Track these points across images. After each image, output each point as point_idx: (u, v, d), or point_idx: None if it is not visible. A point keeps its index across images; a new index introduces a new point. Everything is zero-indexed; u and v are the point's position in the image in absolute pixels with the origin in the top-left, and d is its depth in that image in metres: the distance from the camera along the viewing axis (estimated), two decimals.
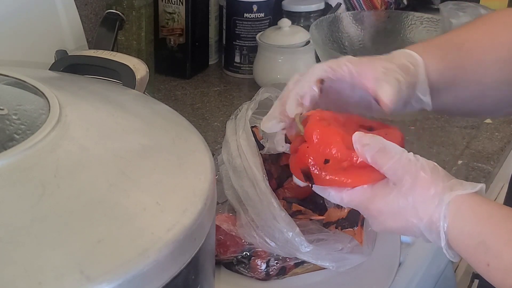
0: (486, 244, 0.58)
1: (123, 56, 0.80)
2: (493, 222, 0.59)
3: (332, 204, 0.82)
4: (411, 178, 0.60)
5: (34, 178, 0.49)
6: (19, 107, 0.57)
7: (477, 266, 0.59)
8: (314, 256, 0.75)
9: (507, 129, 1.24)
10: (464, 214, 0.59)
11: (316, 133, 0.63)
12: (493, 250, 0.57)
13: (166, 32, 1.38)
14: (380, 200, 0.62)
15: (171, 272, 0.48)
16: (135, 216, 0.48)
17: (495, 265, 0.57)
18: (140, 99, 0.69)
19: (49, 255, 0.44)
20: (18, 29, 1.00)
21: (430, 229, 0.60)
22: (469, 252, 0.59)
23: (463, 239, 0.59)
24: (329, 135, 0.63)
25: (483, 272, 0.59)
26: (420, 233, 0.61)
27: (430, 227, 0.60)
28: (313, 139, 0.63)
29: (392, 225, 0.62)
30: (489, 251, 0.58)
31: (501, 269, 0.57)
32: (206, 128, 1.21)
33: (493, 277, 0.58)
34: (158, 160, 0.55)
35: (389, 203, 0.62)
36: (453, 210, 0.59)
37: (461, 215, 0.59)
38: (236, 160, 0.76)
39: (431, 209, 0.59)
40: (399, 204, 0.61)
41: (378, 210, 0.62)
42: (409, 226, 0.61)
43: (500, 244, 0.58)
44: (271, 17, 1.41)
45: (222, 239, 0.80)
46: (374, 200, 0.62)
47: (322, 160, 0.63)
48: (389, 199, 0.62)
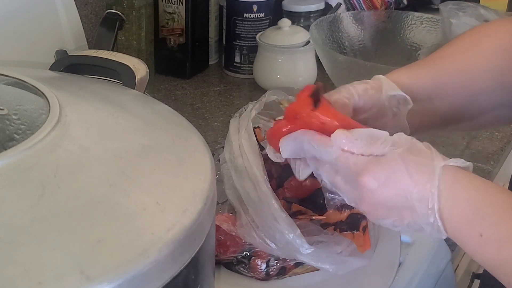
0: (483, 212, 0.57)
1: (123, 56, 0.80)
2: (489, 192, 0.58)
3: (332, 205, 0.82)
4: (407, 147, 0.60)
5: (34, 178, 0.49)
6: (19, 107, 0.57)
7: (468, 239, 0.58)
8: (314, 259, 0.75)
9: (507, 129, 1.24)
10: (461, 182, 0.58)
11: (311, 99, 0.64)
12: (490, 219, 0.56)
13: (166, 32, 1.38)
14: (375, 167, 0.60)
15: (171, 272, 0.48)
16: (135, 216, 0.48)
17: (489, 234, 0.56)
18: (140, 99, 0.69)
19: (49, 255, 0.44)
20: (18, 29, 1.00)
21: (422, 198, 0.58)
22: (463, 222, 0.58)
23: (459, 208, 0.58)
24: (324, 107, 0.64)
25: (475, 244, 0.57)
26: (409, 206, 0.59)
27: (423, 195, 0.58)
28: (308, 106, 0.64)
29: (382, 195, 0.60)
30: (485, 220, 0.56)
31: (495, 239, 0.56)
32: (206, 128, 1.21)
33: (485, 248, 0.57)
34: (158, 160, 0.55)
35: (384, 169, 0.60)
36: (450, 178, 0.58)
37: (458, 184, 0.58)
38: (238, 159, 0.76)
39: (426, 174, 0.58)
40: (394, 169, 0.59)
41: (372, 178, 0.60)
42: (401, 195, 0.59)
43: (499, 212, 0.57)
44: (271, 17, 1.41)
45: (222, 239, 0.79)
46: (369, 167, 0.60)
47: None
48: (384, 166, 0.60)
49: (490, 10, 1.32)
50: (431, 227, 0.59)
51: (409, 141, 0.61)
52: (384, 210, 0.61)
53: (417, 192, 0.58)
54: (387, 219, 0.62)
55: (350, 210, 0.80)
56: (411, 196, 0.59)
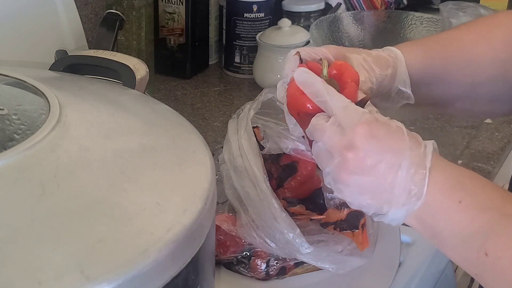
0: (464, 183, 0.59)
1: (123, 56, 0.80)
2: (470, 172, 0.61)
3: (332, 204, 0.82)
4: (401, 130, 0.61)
5: (34, 178, 0.49)
6: (19, 107, 0.57)
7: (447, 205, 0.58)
8: (314, 258, 0.75)
9: (507, 129, 1.24)
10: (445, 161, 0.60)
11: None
12: (469, 188, 0.59)
13: (166, 32, 1.38)
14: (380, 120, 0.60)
15: (171, 272, 0.48)
16: (135, 216, 0.48)
17: (467, 202, 0.58)
18: (140, 99, 0.69)
19: (49, 255, 0.44)
20: (18, 29, 1.00)
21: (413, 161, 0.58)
22: (444, 188, 0.59)
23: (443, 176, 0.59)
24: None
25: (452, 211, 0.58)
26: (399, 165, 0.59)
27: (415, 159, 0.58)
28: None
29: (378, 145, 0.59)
30: (464, 189, 0.59)
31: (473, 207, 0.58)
32: (206, 128, 1.21)
33: (462, 215, 0.58)
34: (158, 160, 0.55)
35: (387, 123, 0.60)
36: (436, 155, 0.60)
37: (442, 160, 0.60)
38: (237, 160, 0.76)
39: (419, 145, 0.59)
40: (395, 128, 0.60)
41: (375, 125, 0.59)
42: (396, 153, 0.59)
43: (477, 185, 0.59)
44: (271, 17, 1.41)
45: (222, 239, 0.79)
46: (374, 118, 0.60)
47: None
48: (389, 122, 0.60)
49: (490, 10, 1.32)
50: (408, 193, 0.59)
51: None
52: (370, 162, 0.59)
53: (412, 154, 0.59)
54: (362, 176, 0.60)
55: (349, 208, 0.81)
56: (405, 154, 0.59)
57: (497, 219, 0.57)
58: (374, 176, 0.60)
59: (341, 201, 0.82)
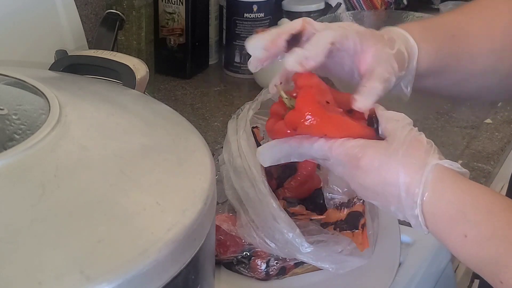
0: (465, 213, 0.58)
1: (123, 56, 0.80)
2: (473, 194, 0.59)
3: (332, 204, 0.82)
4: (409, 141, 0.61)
5: (34, 178, 0.49)
6: (19, 107, 0.57)
7: (450, 237, 0.59)
8: (314, 258, 0.75)
9: (507, 129, 1.24)
10: (447, 182, 0.59)
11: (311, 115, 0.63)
12: (472, 220, 0.58)
13: (166, 32, 1.38)
14: (372, 152, 0.61)
15: (171, 272, 0.48)
16: (135, 216, 0.48)
17: (473, 235, 0.57)
18: (140, 99, 0.69)
19: (49, 255, 0.44)
20: (18, 29, 1.00)
21: (408, 190, 0.59)
22: (445, 221, 0.59)
23: (442, 206, 0.59)
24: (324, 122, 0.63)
25: (458, 243, 0.58)
26: (396, 195, 0.60)
27: (409, 188, 0.59)
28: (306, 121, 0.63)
29: (373, 180, 0.60)
30: (467, 221, 0.58)
31: (478, 239, 0.57)
32: (206, 128, 1.21)
33: (468, 248, 0.58)
34: (158, 160, 0.55)
35: (380, 155, 0.60)
36: (437, 177, 0.59)
37: (443, 183, 0.59)
38: (237, 160, 0.76)
39: (417, 169, 0.59)
40: (389, 158, 0.60)
41: (367, 162, 0.60)
42: (390, 183, 0.60)
43: (480, 214, 0.58)
44: (271, 17, 1.41)
45: (222, 239, 0.79)
46: (367, 151, 0.61)
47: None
48: (382, 152, 0.60)
49: None
50: (415, 219, 0.60)
51: (413, 132, 0.62)
52: (372, 194, 0.62)
53: (405, 183, 0.59)
54: (374, 201, 0.63)
55: (349, 208, 0.81)
56: (398, 186, 0.59)
57: (505, 248, 0.57)
58: (381, 202, 0.62)
59: (341, 201, 0.82)
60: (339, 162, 0.63)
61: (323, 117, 0.63)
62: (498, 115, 1.29)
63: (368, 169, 0.61)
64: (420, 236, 0.89)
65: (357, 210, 0.80)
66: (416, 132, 0.63)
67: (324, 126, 0.63)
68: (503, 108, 1.31)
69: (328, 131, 0.63)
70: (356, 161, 0.61)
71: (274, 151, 0.65)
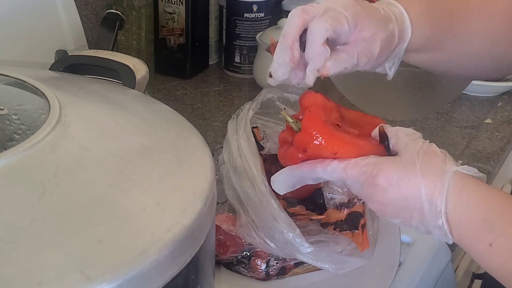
0: (491, 222, 0.57)
1: (123, 56, 0.80)
2: (498, 201, 0.58)
3: (332, 205, 0.82)
4: (423, 152, 0.61)
5: (34, 178, 0.49)
6: (19, 107, 0.57)
7: (476, 246, 0.58)
8: (314, 258, 0.75)
9: (507, 129, 1.24)
10: (470, 189, 0.59)
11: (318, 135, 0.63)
12: (499, 229, 0.57)
13: (166, 32, 1.38)
14: (389, 167, 0.60)
15: (171, 272, 0.48)
16: (135, 216, 0.48)
17: (498, 244, 0.57)
18: (140, 99, 0.69)
19: (49, 255, 0.44)
20: (18, 29, 1.00)
21: (431, 201, 0.59)
22: (471, 230, 0.58)
23: (467, 215, 0.58)
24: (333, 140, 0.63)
25: (483, 252, 0.58)
26: (419, 208, 0.59)
27: (432, 197, 0.59)
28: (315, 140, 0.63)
29: (393, 195, 0.60)
30: (493, 230, 0.57)
31: (505, 249, 0.56)
32: (206, 128, 1.21)
33: (494, 257, 0.57)
34: (158, 160, 0.55)
35: (397, 169, 0.60)
36: (459, 184, 0.58)
37: (466, 191, 0.59)
38: (237, 160, 0.76)
39: (437, 177, 0.59)
40: (407, 171, 0.59)
41: (385, 178, 0.60)
42: (411, 196, 0.59)
43: (506, 223, 0.57)
44: (271, 17, 1.41)
45: (222, 239, 0.79)
46: (382, 166, 0.61)
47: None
48: (398, 166, 0.60)
49: None
50: (439, 230, 0.60)
51: (426, 144, 0.62)
52: (394, 210, 0.62)
53: (426, 193, 0.59)
54: (395, 219, 0.62)
55: (349, 209, 0.81)
56: (420, 197, 0.59)
57: None
58: (403, 219, 0.62)
59: (341, 201, 0.82)
60: (355, 182, 0.62)
61: (331, 135, 0.63)
62: (498, 115, 1.29)
63: (387, 186, 0.60)
64: (420, 236, 0.89)
65: (357, 210, 0.80)
66: (428, 143, 0.62)
67: (334, 144, 0.63)
68: (503, 108, 1.31)
69: (338, 149, 0.63)
70: (372, 179, 0.61)
71: (287, 178, 0.66)
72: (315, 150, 0.63)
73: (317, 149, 0.63)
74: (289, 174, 0.66)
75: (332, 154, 0.63)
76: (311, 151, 0.63)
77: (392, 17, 0.68)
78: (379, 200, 0.62)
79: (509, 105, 1.32)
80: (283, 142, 0.68)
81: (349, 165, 0.62)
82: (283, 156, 0.67)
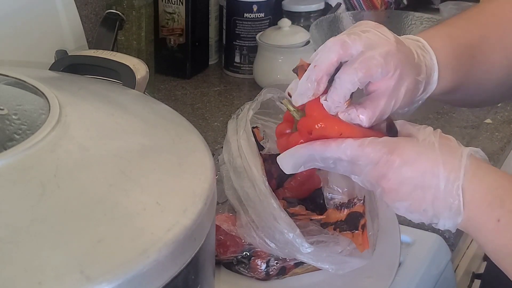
0: (502, 199, 0.58)
1: (123, 56, 0.80)
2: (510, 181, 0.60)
3: (332, 205, 0.82)
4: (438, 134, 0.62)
5: (34, 178, 0.49)
6: (19, 107, 0.57)
7: (485, 223, 0.59)
8: (314, 258, 0.75)
9: (507, 129, 1.24)
10: (484, 170, 0.60)
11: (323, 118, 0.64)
12: (508, 206, 0.58)
13: (166, 32, 1.38)
14: (407, 144, 0.61)
15: (171, 272, 0.48)
16: (135, 216, 0.48)
17: (506, 221, 0.58)
18: (140, 99, 0.69)
19: (49, 255, 0.44)
20: (18, 29, 1.00)
21: (449, 177, 0.59)
22: (482, 206, 0.59)
23: (479, 192, 0.59)
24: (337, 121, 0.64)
25: (490, 229, 0.59)
26: (434, 185, 0.60)
27: (450, 174, 0.59)
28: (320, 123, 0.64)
29: (410, 173, 0.60)
30: (503, 207, 0.58)
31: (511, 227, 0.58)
32: (206, 128, 1.21)
33: (500, 234, 0.58)
34: (158, 160, 0.55)
35: (415, 147, 0.60)
36: (474, 165, 0.60)
37: (481, 170, 0.60)
38: (237, 160, 0.76)
39: (454, 156, 0.60)
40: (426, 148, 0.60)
41: (403, 154, 0.60)
42: (429, 172, 0.59)
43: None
44: (271, 17, 1.41)
45: (222, 239, 0.79)
46: (400, 143, 0.61)
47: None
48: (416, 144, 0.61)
49: None
50: (449, 209, 0.60)
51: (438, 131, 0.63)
52: (407, 190, 0.61)
53: (445, 169, 0.59)
54: (405, 201, 0.62)
55: (349, 209, 0.80)
56: (438, 174, 0.59)
57: None
58: (414, 200, 0.61)
59: (341, 202, 0.82)
60: (369, 160, 0.61)
61: (334, 118, 0.64)
62: (498, 115, 1.29)
63: (404, 163, 0.60)
64: (420, 236, 0.89)
65: (357, 210, 0.80)
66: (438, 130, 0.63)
67: (339, 125, 0.63)
68: (503, 108, 1.31)
69: (343, 129, 0.63)
70: (389, 156, 0.60)
71: (296, 156, 0.64)
72: (321, 131, 0.63)
73: (323, 130, 0.63)
74: (298, 152, 0.64)
75: (338, 134, 0.63)
76: (316, 132, 0.64)
77: (423, 68, 0.67)
78: (394, 178, 0.61)
79: (509, 105, 1.32)
80: (280, 134, 0.69)
81: (365, 142, 0.61)
82: (285, 145, 0.67)
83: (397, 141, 0.62)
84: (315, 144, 0.63)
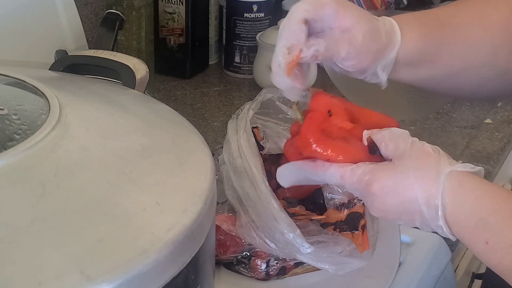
0: (487, 220, 0.58)
1: (123, 56, 0.80)
2: (494, 200, 0.59)
3: (332, 205, 0.82)
4: (415, 154, 0.61)
5: (34, 178, 0.49)
6: (19, 107, 0.57)
7: (474, 244, 0.59)
8: (314, 258, 0.75)
9: (507, 129, 1.24)
10: (465, 189, 0.59)
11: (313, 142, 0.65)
12: (494, 227, 0.57)
13: (166, 32, 1.38)
14: (383, 175, 0.61)
15: (171, 272, 0.48)
16: (135, 216, 0.48)
17: (494, 242, 0.57)
18: (140, 99, 0.69)
19: (49, 255, 0.44)
20: (18, 29, 1.00)
21: (429, 203, 0.59)
22: (468, 229, 0.59)
23: (463, 215, 0.59)
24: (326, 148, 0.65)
25: (481, 251, 0.58)
26: (418, 211, 0.60)
27: (429, 200, 0.59)
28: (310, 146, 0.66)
29: (392, 202, 0.61)
30: (489, 228, 0.57)
31: (500, 247, 0.57)
32: (206, 128, 1.21)
33: (490, 255, 0.58)
34: (158, 160, 0.55)
35: (391, 176, 0.61)
36: (454, 185, 0.59)
37: (462, 190, 0.59)
38: (237, 160, 0.76)
39: (431, 180, 0.59)
40: (402, 177, 0.60)
41: (381, 186, 0.61)
42: (409, 201, 0.60)
43: (501, 221, 0.58)
44: (271, 17, 1.41)
45: (222, 239, 0.79)
46: (377, 175, 0.61)
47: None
48: (392, 172, 0.61)
49: None
50: (441, 229, 0.60)
51: (417, 144, 0.62)
52: (395, 215, 0.63)
53: (423, 197, 0.59)
54: (400, 221, 0.64)
55: (349, 209, 0.80)
56: (418, 201, 0.60)
57: None
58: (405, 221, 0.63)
59: (341, 202, 0.82)
60: (354, 189, 0.64)
61: (325, 144, 0.65)
62: (498, 115, 1.29)
63: (384, 192, 0.61)
64: (420, 236, 0.89)
65: (357, 211, 0.80)
66: (419, 142, 0.63)
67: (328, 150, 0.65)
68: (503, 108, 1.31)
69: (331, 157, 0.65)
70: (369, 187, 0.62)
71: (291, 174, 0.68)
72: (310, 154, 0.66)
73: (312, 154, 0.65)
74: (292, 170, 0.67)
75: (326, 159, 0.65)
76: (306, 154, 0.66)
77: (378, 18, 0.69)
78: (379, 207, 0.63)
79: (509, 105, 1.32)
80: (293, 134, 0.70)
81: (346, 173, 0.63)
82: (286, 150, 0.70)
83: (375, 171, 0.62)
84: (306, 167, 0.66)
